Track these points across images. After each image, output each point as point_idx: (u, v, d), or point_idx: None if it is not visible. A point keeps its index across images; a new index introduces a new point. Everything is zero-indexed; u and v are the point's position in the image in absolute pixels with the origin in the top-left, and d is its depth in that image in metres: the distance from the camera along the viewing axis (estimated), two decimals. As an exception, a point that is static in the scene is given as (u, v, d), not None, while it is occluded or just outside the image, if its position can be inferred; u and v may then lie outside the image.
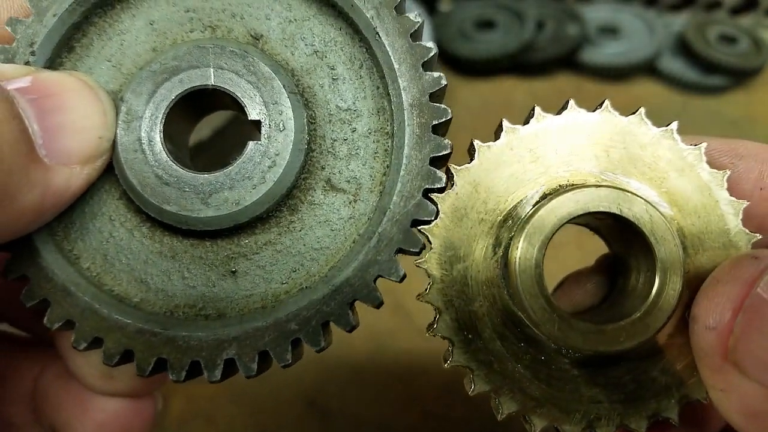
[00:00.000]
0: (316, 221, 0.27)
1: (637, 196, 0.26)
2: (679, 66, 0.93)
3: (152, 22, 0.27)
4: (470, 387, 0.29)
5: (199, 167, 0.25)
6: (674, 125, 0.29)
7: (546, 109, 0.31)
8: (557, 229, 0.26)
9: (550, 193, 0.27)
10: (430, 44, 0.25)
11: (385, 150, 0.27)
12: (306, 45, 0.27)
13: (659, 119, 1.02)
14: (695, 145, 0.29)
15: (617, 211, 0.26)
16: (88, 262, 0.27)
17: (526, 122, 0.30)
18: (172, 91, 0.25)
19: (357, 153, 0.27)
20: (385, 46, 0.25)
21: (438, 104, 0.26)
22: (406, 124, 0.26)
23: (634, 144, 0.28)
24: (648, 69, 0.94)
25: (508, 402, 0.28)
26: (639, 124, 0.29)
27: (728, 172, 0.28)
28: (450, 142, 0.26)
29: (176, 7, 0.27)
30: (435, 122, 0.26)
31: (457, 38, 0.95)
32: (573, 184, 0.27)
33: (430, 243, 0.28)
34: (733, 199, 0.28)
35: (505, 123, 0.30)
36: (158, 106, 0.25)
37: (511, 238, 0.27)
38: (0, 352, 0.33)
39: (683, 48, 0.93)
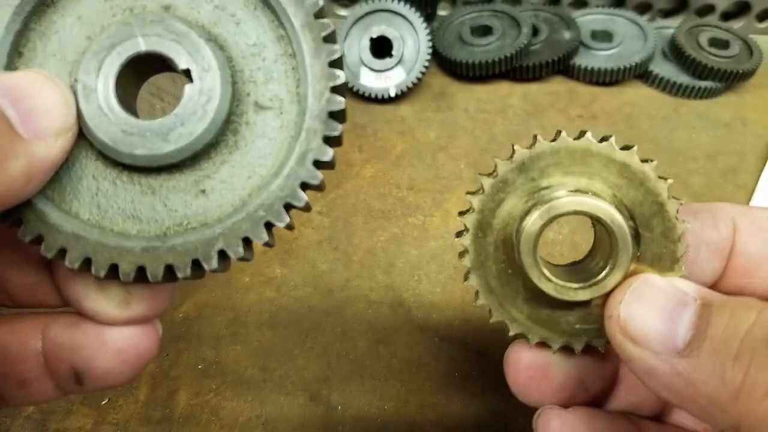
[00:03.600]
0: (255, 136, 0.33)
1: (607, 205, 0.34)
2: (671, 70, 0.95)
3: (80, 16, 0.33)
4: (490, 317, 0.39)
5: None
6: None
7: (539, 112, 0.36)
8: (563, 215, 0.35)
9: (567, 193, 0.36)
10: None
11: (293, 68, 0.33)
12: (207, 3, 0.33)
13: (651, 122, 1.05)
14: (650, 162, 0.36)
15: (604, 217, 0.34)
16: (87, 214, 0.32)
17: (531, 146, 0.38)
18: (113, 63, 0.31)
19: (271, 76, 0.33)
20: None
21: (322, 20, 0.32)
22: (302, 41, 0.32)
23: (607, 164, 0.36)
24: (640, 73, 0.96)
25: (513, 325, 0.39)
26: (611, 148, 0.36)
27: (671, 181, 0.35)
28: (339, 47, 0.32)
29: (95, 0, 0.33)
30: (323, 34, 0.32)
31: (455, 43, 0.97)
32: (578, 190, 0.36)
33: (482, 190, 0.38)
34: (675, 199, 0.35)
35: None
36: (107, 77, 0.31)
37: (531, 207, 0.36)
38: (3, 324, 0.37)
39: (675, 52, 0.95)
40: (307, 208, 0.32)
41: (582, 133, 0.36)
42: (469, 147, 0.88)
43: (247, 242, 0.32)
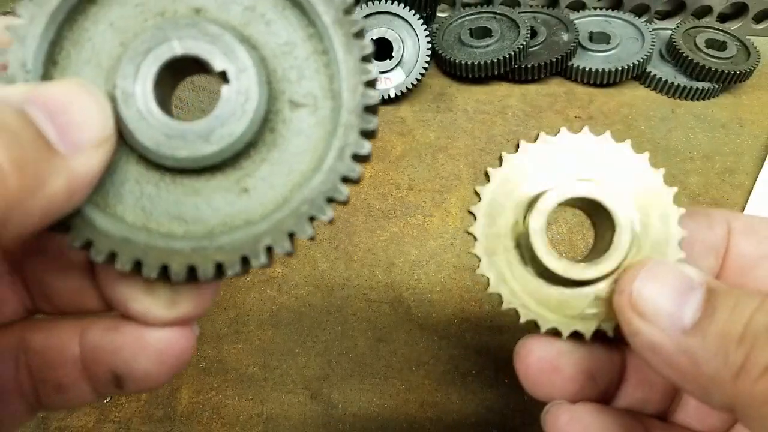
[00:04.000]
0: (292, 133, 0.33)
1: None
2: (669, 71, 0.96)
3: (112, 23, 0.33)
4: (501, 304, 0.40)
5: None
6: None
7: (538, 113, 0.37)
8: (575, 198, 0.38)
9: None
10: None
11: (324, 64, 0.33)
12: (237, 4, 0.33)
13: (648, 123, 1.05)
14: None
15: (600, 199, 0.37)
16: (132, 217, 0.32)
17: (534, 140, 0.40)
18: (150, 67, 0.31)
19: (304, 74, 0.33)
20: None
21: (352, 17, 0.32)
22: (333, 39, 0.32)
23: (605, 157, 0.39)
24: (638, 74, 0.96)
25: (524, 312, 0.40)
26: (607, 140, 0.39)
27: (676, 189, 0.37)
28: (371, 43, 0.32)
29: (126, 5, 0.33)
30: (354, 30, 0.31)
31: (454, 45, 0.98)
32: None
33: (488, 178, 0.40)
34: (676, 207, 0.37)
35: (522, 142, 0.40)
36: (144, 82, 0.31)
37: (542, 192, 0.39)
38: (41, 330, 0.37)
39: (672, 53, 0.96)
40: (347, 201, 0.32)
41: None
42: (469, 147, 0.89)
43: (291, 237, 0.32)
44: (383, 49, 0.94)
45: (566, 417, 0.39)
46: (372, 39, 0.94)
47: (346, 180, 0.32)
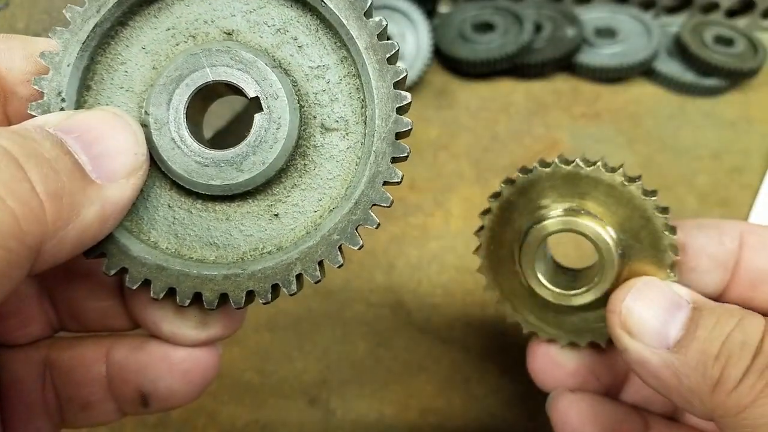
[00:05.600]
0: (323, 158, 0.33)
1: (595, 223, 0.40)
2: (676, 67, 0.94)
3: (144, 46, 0.33)
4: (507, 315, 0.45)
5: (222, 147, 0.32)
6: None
7: (543, 110, 0.37)
8: (553, 233, 0.41)
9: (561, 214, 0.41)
10: None
11: (357, 88, 0.33)
12: (269, 27, 0.33)
13: (656, 120, 1.03)
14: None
15: (590, 234, 0.40)
16: (165, 243, 0.33)
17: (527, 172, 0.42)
18: (183, 95, 0.31)
19: (336, 98, 0.33)
20: (330, 8, 0.31)
21: (386, 41, 0.32)
22: (366, 63, 0.31)
23: (596, 186, 0.40)
24: (645, 71, 0.94)
25: (526, 325, 0.44)
26: (598, 171, 0.40)
27: (654, 198, 0.39)
28: (404, 67, 0.32)
29: (158, 29, 0.33)
30: (388, 55, 0.31)
31: (456, 40, 0.96)
32: (572, 209, 0.41)
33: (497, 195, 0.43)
34: (665, 219, 0.39)
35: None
36: (177, 110, 0.31)
37: (529, 226, 0.41)
38: (67, 348, 0.38)
39: (680, 50, 0.94)
40: (377, 227, 0.32)
41: (571, 161, 0.40)
42: (471, 146, 0.87)
43: (320, 265, 0.32)
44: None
45: (565, 403, 0.43)
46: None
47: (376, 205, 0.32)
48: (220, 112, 0.66)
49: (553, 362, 0.44)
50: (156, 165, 0.32)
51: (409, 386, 0.65)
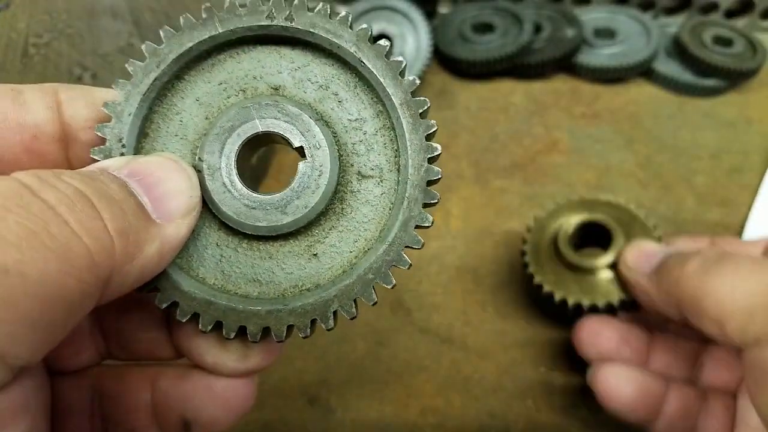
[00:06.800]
0: (359, 203, 0.35)
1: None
2: (675, 68, 0.94)
3: (198, 98, 0.35)
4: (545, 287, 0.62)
5: (256, 184, 0.35)
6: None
7: (542, 110, 0.40)
8: (576, 229, 0.64)
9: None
10: (400, 58, 0.35)
11: (391, 139, 0.35)
12: (312, 83, 0.35)
13: (655, 121, 1.03)
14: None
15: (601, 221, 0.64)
16: (212, 279, 0.35)
17: None
18: (234, 144, 0.34)
19: (372, 147, 0.35)
20: (369, 68, 0.34)
21: (418, 98, 0.34)
22: (401, 118, 0.34)
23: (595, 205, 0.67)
24: (644, 71, 0.94)
25: (559, 292, 0.61)
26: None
27: (632, 205, 0.65)
28: (435, 122, 0.34)
29: (211, 83, 0.36)
30: (420, 111, 0.34)
31: (456, 41, 0.96)
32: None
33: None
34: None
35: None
36: (228, 157, 0.34)
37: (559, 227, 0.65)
38: (115, 376, 0.40)
39: (679, 50, 0.94)
40: (409, 267, 0.34)
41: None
42: (471, 146, 0.87)
43: (355, 302, 0.34)
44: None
45: (607, 370, 0.53)
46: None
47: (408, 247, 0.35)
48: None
49: (595, 332, 0.56)
50: (207, 207, 0.34)
51: (408, 385, 0.65)
